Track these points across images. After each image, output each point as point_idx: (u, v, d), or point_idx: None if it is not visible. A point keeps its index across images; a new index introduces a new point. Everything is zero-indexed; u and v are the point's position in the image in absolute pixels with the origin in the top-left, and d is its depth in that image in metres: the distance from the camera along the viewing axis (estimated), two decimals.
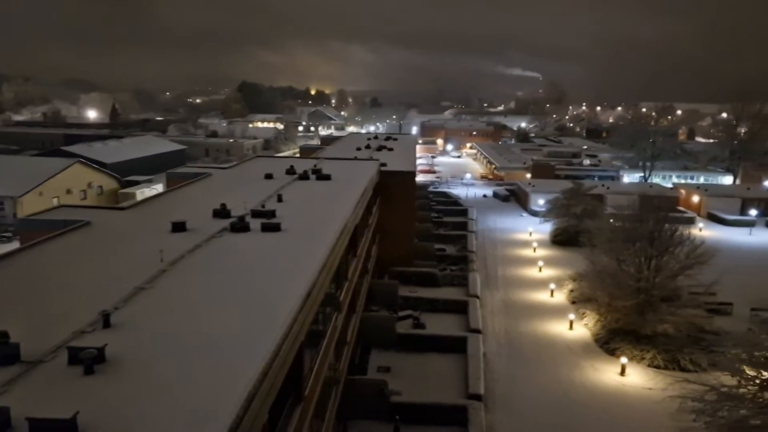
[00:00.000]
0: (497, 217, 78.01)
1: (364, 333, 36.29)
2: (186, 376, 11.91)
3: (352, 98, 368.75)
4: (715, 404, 20.58)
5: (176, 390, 11.33)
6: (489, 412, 29.69)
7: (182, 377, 11.85)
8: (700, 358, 34.81)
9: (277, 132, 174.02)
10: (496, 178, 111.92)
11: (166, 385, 11.54)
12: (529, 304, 46.53)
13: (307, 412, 17.69)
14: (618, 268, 39.84)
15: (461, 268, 52.68)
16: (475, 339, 37.01)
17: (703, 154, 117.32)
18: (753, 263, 56.57)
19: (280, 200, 29.80)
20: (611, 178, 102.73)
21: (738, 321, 39.85)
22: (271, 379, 12.50)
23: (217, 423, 10.06)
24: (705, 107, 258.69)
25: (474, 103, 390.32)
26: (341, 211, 28.11)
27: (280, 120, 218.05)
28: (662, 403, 25.73)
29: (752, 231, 71.81)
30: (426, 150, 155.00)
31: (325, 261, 20.06)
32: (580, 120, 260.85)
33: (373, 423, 28.14)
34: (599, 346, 38.42)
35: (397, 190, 49.22)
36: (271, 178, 38.02)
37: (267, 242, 22.36)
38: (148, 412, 10.57)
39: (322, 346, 20.83)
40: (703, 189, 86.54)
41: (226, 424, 10.05)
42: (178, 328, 14.27)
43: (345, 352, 28.42)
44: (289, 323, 14.48)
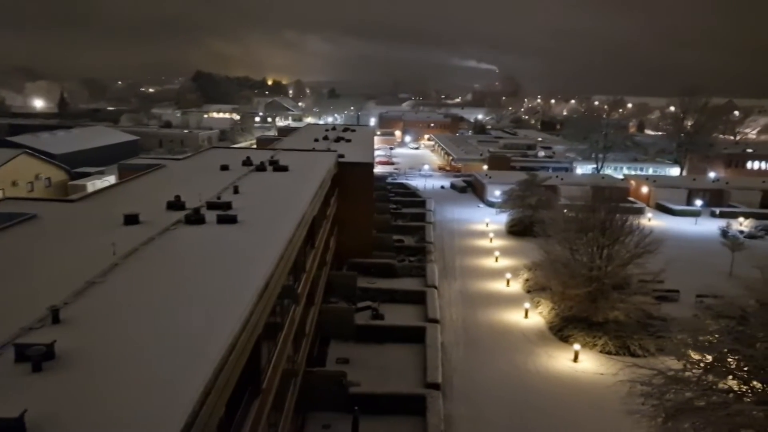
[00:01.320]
0: (455, 208, 78.82)
1: (322, 325, 36.25)
2: (139, 372, 11.69)
3: (310, 89, 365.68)
4: (662, 387, 21.32)
5: (129, 387, 11.11)
6: (447, 401, 30.11)
7: (135, 374, 11.63)
8: (648, 344, 36.04)
9: (233, 123, 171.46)
10: (453, 169, 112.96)
11: (118, 381, 11.30)
12: (486, 293, 47.26)
13: (265, 405, 17.60)
14: (571, 258, 40.82)
15: (419, 259, 53.08)
16: (433, 329, 37.40)
17: (652, 146, 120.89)
18: (698, 251, 58.74)
19: (236, 192, 29.40)
20: (565, 169, 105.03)
21: (684, 307, 41.39)
22: (227, 373, 12.38)
23: (172, 419, 9.91)
24: (654, 101, 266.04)
25: (431, 95, 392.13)
26: (299, 203, 27.93)
27: (236, 111, 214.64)
28: (613, 387, 26.52)
29: (698, 221, 74.52)
30: (384, 141, 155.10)
31: (283, 253, 19.92)
32: (535, 113, 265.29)
33: (332, 414, 28.20)
34: (553, 334, 39.35)
35: (356, 182, 49.18)
36: (227, 170, 37.44)
37: (223, 234, 22.05)
38: (99, 409, 10.34)
39: (280, 338, 20.72)
40: (651, 180, 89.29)
41: (182, 419, 9.92)
42: (131, 323, 13.97)
43: (303, 344, 28.34)
44: (245, 316, 14.35)
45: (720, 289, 28.79)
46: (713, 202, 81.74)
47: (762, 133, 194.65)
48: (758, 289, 22.99)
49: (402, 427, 27.71)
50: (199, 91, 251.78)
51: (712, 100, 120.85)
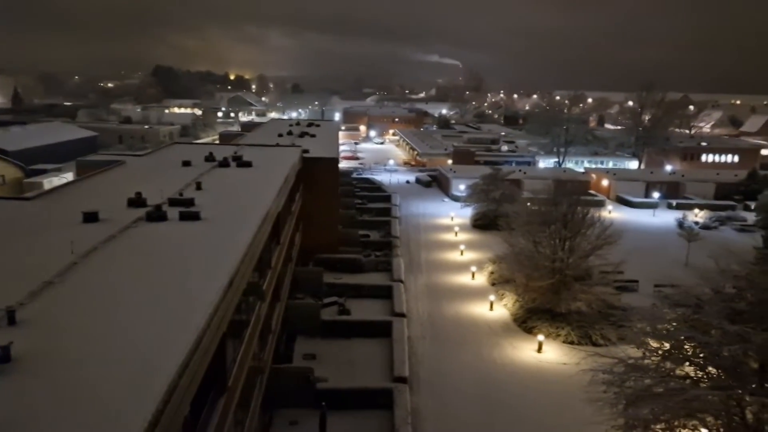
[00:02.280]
0: (420, 203, 79.18)
1: (289, 321, 36.06)
2: (100, 373, 11.45)
3: (273, 84, 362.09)
4: (623, 375, 21.85)
5: (90, 388, 10.88)
6: (414, 394, 30.31)
7: (96, 374, 11.39)
8: (609, 333, 36.89)
9: (195, 118, 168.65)
10: (418, 164, 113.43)
11: (78, 384, 11.05)
12: (452, 287, 47.68)
13: (231, 402, 17.46)
14: (534, 250, 41.46)
15: (385, 254, 53.20)
16: (399, 323, 37.57)
17: (612, 140, 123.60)
18: (656, 242, 60.31)
19: (199, 188, 28.98)
20: (528, 163, 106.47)
21: (643, 297, 42.34)
22: (192, 371, 12.23)
23: (135, 419, 9.76)
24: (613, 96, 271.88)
25: (396, 90, 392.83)
26: (263, 199, 27.68)
27: (198, 105, 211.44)
28: (576, 376, 27.05)
29: (655, 212, 76.45)
30: (349, 136, 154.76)
31: (247, 249, 19.74)
32: (498, 107, 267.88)
33: (299, 411, 28.10)
34: (518, 325, 39.95)
35: (321, 177, 48.98)
36: (189, 166, 36.87)
37: (186, 231, 21.73)
38: (59, 413, 10.10)
39: (246, 335, 20.55)
40: (611, 173, 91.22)
41: (145, 419, 9.77)
42: (91, 324, 13.67)
43: (269, 341, 28.17)
44: (209, 314, 14.19)
45: (677, 278, 29.75)
46: (670, 194, 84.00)
47: (715, 127, 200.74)
48: (712, 279, 23.74)
49: (369, 422, 27.82)
50: (159, 86, 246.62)
51: (667, 95, 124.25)
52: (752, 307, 21.11)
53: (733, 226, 69.76)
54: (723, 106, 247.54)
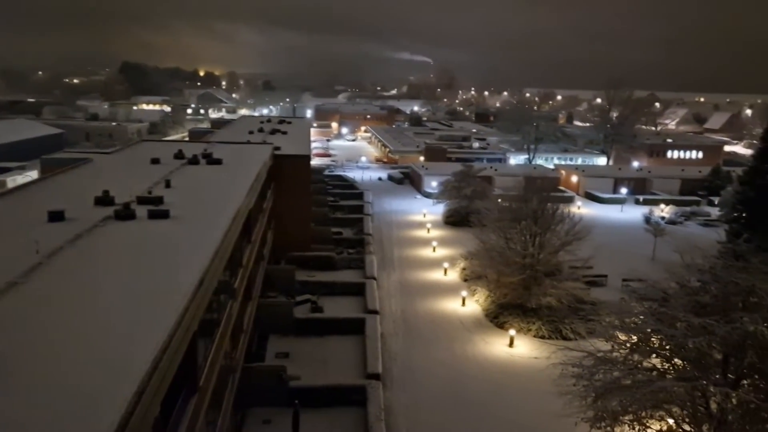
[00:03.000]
0: (392, 200, 79.35)
1: (261, 319, 35.81)
2: (67, 375, 11.23)
3: (244, 81, 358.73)
4: (592, 368, 22.24)
5: (56, 391, 10.66)
6: (387, 390, 30.40)
7: (63, 376, 11.16)
8: (579, 327, 37.50)
9: (164, 115, 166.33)
10: (390, 161, 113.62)
11: (45, 386, 10.82)
12: (424, 283, 47.90)
13: (203, 402, 17.28)
14: (506, 246, 41.90)
15: (358, 251, 53.18)
16: (372, 320, 37.62)
17: (581, 137, 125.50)
18: (624, 237, 61.45)
19: (168, 186, 28.55)
20: (499, 160, 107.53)
21: (612, 291, 43.24)
22: (162, 371, 12.07)
23: (103, 421, 9.60)
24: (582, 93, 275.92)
25: (367, 87, 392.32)
26: (234, 197, 27.42)
27: (167, 102, 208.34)
28: (546, 370, 27.46)
29: (623, 208, 77.91)
30: (321, 134, 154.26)
31: (218, 248, 19.53)
32: (470, 105, 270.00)
33: (272, 409, 27.94)
34: (490, 321, 40.34)
35: (292, 175, 48.71)
36: (158, 163, 36.31)
37: (155, 230, 21.41)
38: (26, 416, 9.88)
39: (217, 335, 20.36)
40: (580, 170, 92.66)
41: (114, 421, 9.62)
42: (57, 325, 13.39)
43: (241, 339, 27.96)
44: (180, 314, 14.01)
45: (644, 273, 30.33)
46: (637, 190, 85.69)
47: (680, 124, 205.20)
48: (678, 273, 24.34)
49: (343, 419, 27.82)
50: (127, 83, 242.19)
51: (635, 93, 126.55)
52: (716, 300, 21.69)
53: (698, 221, 71.54)
54: (687, 103, 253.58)
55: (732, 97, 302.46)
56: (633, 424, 21.40)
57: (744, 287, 20.98)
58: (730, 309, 20.92)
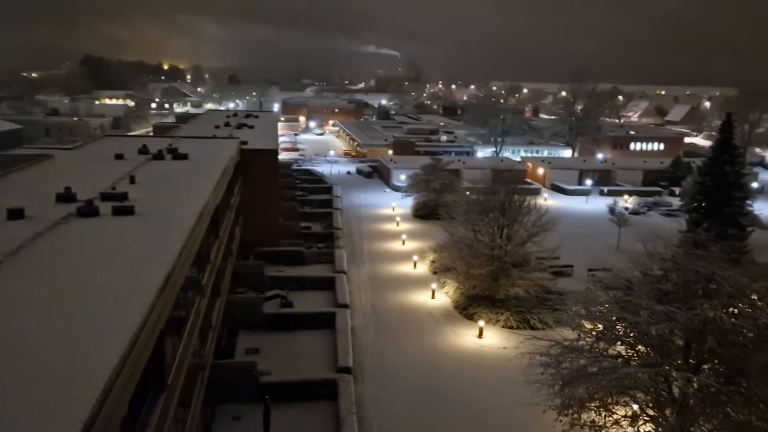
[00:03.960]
0: (361, 194, 79.32)
1: (230, 316, 35.43)
2: (29, 377, 10.96)
3: (209, 74, 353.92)
4: (559, 357, 22.66)
5: (18, 394, 10.41)
6: (358, 384, 30.48)
7: (25, 379, 10.90)
8: (546, 317, 38.11)
9: (127, 109, 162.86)
10: (359, 155, 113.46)
11: (4, 389, 10.55)
12: (394, 276, 48.07)
13: (171, 401, 17.08)
14: (474, 238, 42.28)
15: (327, 245, 53.06)
16: (342, 314, 37.62)
17: (547, 129, 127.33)
18: (589, 228, 62.57)
19: (132, 182, 27.98)
20: (466, 153, 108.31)
21: (578, 281, 43.95)
22: (129, 370, 11.88)
23: (70, 422, 9.42)
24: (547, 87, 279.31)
25: (335, 81, 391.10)
26: (200, 192, 27.04)
27: (130, 97, 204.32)
28: (515, 359, 27.87)
29: (588, 199, 79.31)
30: (288, 128, 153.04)
31: (184, 244, 19.26)
32: (437, 98, 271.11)
33: (242, 406, 27.76)
34: (459, 312, 40.71)
35: (260, 169, 48.26)
36: (122, 159, 35.53)
37: (119, 227, 21.00)
38: None
39: (185, 332, 20.10)
40: (547, 162, 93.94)
41: (80, 421, 9.44)
42: (19, 326, 13.05)
43: (210, 336, 27.66)
44: (146, 312, 13.78)
45: (609, 262, 30.95)
46: (602, 182, 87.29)
47: (643, 116, 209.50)
48: (641, 262, 24.94)
49: (314, 413, 27.82)
50: (88, 77, 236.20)
51: (598, 86, 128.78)
52: (677, 287, 22.27)
53: (660, 211, 73.28)
54: (649, 96, 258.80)
55: (691, 89, 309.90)
56: (599, 411, 21.87)
57: (704, 275, 21.59)
58: (690, 296, 21.52)
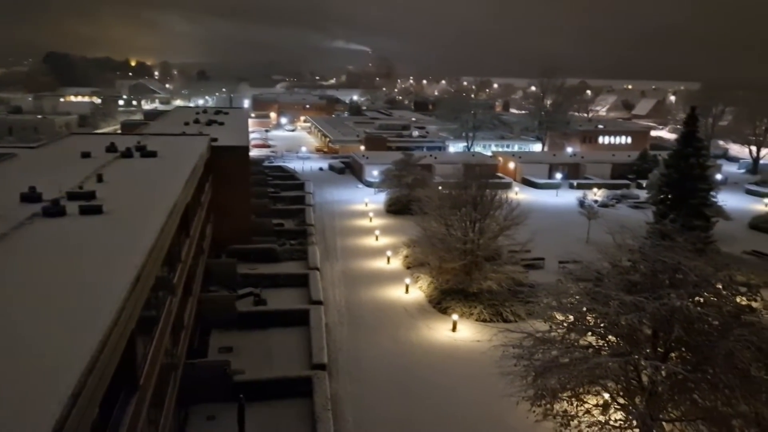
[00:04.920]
0: (334, 190, 79.13)
1: (203, 315, 35.16)
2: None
3: (178, 71, 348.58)
4: (532, 348, 22.95)
5: None
6: (333, 380, 30.47)
7: None
8: (519, 309, 38.56)
9: (94, 107, 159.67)
10: (331, 151, 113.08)
11: None
12: (368, 272, 48.10)
13: (144, 401, 16.86)
14: (447, 233, 42.53)
15: (300, 242, 52.82)
16: (316, 310, 37.53)
17: (517, 124, 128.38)
18: (560, 221, 63.42)
19: (100, 181, 27.47)
20: (438, 148, 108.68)
21: (549, 273, 44.53)
22: (99, 371, 11.69)
23: (38, 425, 9.24)
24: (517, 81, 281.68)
25: (306, 77, 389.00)
26: (170, 190, 26.67)
27: (97, 94, 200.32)
28: (488, 352, 28.08)
29: (558, 193, 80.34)
30: (259, 124, 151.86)
31: (155, 243, 18.99)
32: (409, 93, 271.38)
33: (216, 405, 27.53)
34: (433, 306, 40.94)
35: (231, 166, 47.79)
36: (89, 158, 34.83)
37: (87, 226, 20.61)
38: None
39: (157, 332, 19.86)
40: (517, 156, 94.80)
41: (51, 423, 9.27)
42: None
43: (183, 335, 27.37)
44: (116, 312, 13.57)
45: (579, 254, 31.38)
46: (571, 175, 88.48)
47: (610, 110, 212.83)
48: (610, 253, 25.37)
49: (289, 411, 27.72)
50: (53, 74, 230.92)
51: (567, 80, 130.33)
52: (645, 278, 22.73)
53: (628, 203, 74.62)
54: (616, 91, 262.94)
55: (657, 83, 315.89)
56: (571, 400, 22.22)
57: (670, 265, 22.07)
58: (658, 286, 21.98)
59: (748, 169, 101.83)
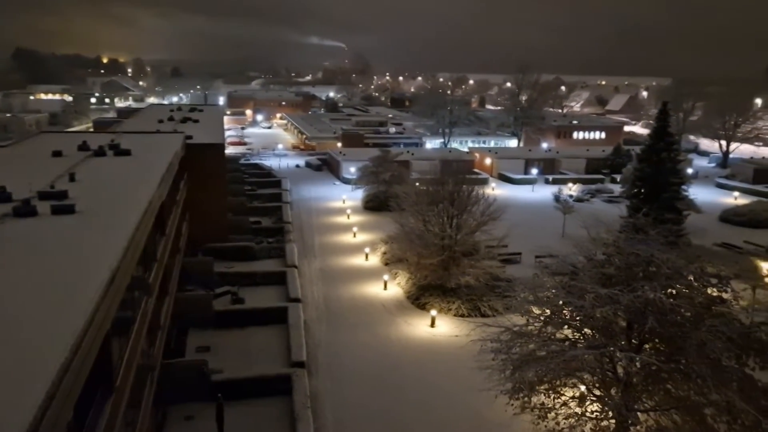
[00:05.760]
0: (311, 187, 78.88)
1: (179, 314, 34.78)
2: None
3: (151, 68, 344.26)
4: (509, 342, 23.17)
5: None
6: (312, 378, 30.40)
7: None
8: (496, 304, 38.85)
9: (65, 105, 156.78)
10: (307, 148, 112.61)
11: None
12: (346, 269, 48.06)
13: (120, 403, 16.67)
14: (424, 229, 42.65)
15: (278, 240, 52.58)
16: (295, 308, 37.40)
17: (493, 120, 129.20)
18: (536, 216, 64.06)
19: (72, 180, 26.99)
20: (415, 144, 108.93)
21: (525, 268, 44.97)
22: (74, 374, 11.53)
23: (11, 428, 9.09)
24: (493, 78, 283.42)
25: (282, 73, 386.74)
26: (145, 189, 26.34)
27: (67, 91, 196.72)
28: (467, 347, 28.34)
29: (534, 188, 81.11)
30: (235, 121, 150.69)
31: (129, 242, 18.75)
32: (385, 90, 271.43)
33: (194, 405, 27.29)
34: (411, 302, 41.07)
35: (206, 164, 47.36)
36: (60, 156, 34.21)
37: (60, 226, 20.26)
38: None
39: (133, 332, 19.63)
40: (493, 152, 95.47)
41: (23, 426, 9.13)
42: None
43: (159, 336, 27.08)
44: (90, 313, 13.38)
45: (555, 249, 31.72)
46: (546, 170, 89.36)
47: (584, 106, 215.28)
48: (585, 247, 25.70)
49: (268, 409, 27.60)
50: (22, 71, 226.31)
51: (541, 76, 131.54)
52: (619, 271, 23.06)
53: (603, 197, 75.58)
54: (590, 86, 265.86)
55: (630, 79, 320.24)
56: (548, 393, 22.48)
57: (644, 258, 22.44)
58: (632, 279, 22.32)
59: (718, 163, 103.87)
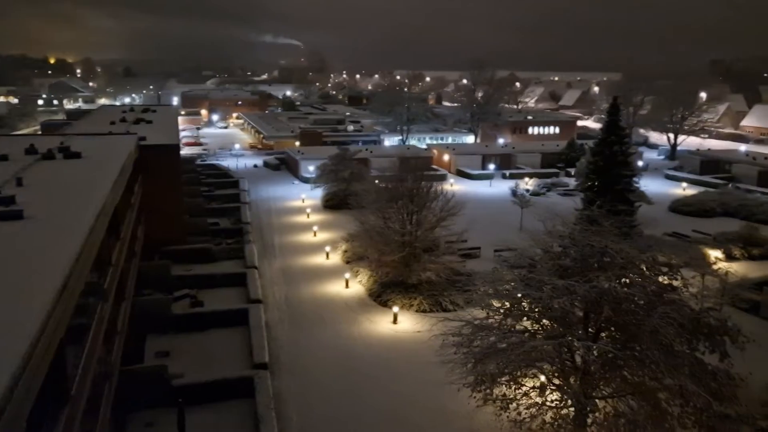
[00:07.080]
0: (269, 187, 78.19)
1: (137, 319, 34.02)
2: None
3: (102, 68, 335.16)
4: (471, 336, 23.46)
5: None
6: (276, 379, 30.16)
7: None
8: (457, 299, 39.24)
9: (11, 107, 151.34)
10: (265, 147, 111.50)
11: None
12: (307, 268, 47.82)
13: (76, 412, 16.21)
14: (384, 226, 42.77)
15: (237, 241, 51.95)
16: (256, 309, 37.03)
17: (450, 117, 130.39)
18: (493, 211, 64.90)
19: (20, 184, 26.08)
20: (374, 142, 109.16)
21: (485, 262, 45.57)
22: (26, 384, 11.16)
23: None
24: (449, 74, 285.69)
25: (237, 73, 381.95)
26: (97, 192, 25.64)
27: (13, 93, 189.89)
28: (429, 342, 28.52)
29: (492, 183, 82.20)
30: (190, 122, 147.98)
31: (82, 248, 18.23)
32: (342, 88, 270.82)
33: (155, 411, 26.77)
34: (373, 300, 41.13)
35: (161, 166, 46.41)
36: (6, 160, 32.99)
37: (7, 232, 19.56)
38: None
39: (88, 339, 19.11)
40: (451, 148, 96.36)
41: None
42: None
43: (117, 342, 26.43)
44: (42, 321, 12.97)
45: (513, 242, 32.35)
46: (503, 166, 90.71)
47: (539, 101, 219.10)
48: (542, 240, 26.24)
49: (231, 412, 27.28)
50: None
51: (497, 73, 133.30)
52: (575, 262, 23.63)
53: (558, 191, 77.17)
54: (544, 82, 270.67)
55: (582, 75, 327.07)
56: (509, 384, 22.85)
57: (598, 249, 23.03)
58: (587, 270, 22.89)
59: (666, 156, 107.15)
